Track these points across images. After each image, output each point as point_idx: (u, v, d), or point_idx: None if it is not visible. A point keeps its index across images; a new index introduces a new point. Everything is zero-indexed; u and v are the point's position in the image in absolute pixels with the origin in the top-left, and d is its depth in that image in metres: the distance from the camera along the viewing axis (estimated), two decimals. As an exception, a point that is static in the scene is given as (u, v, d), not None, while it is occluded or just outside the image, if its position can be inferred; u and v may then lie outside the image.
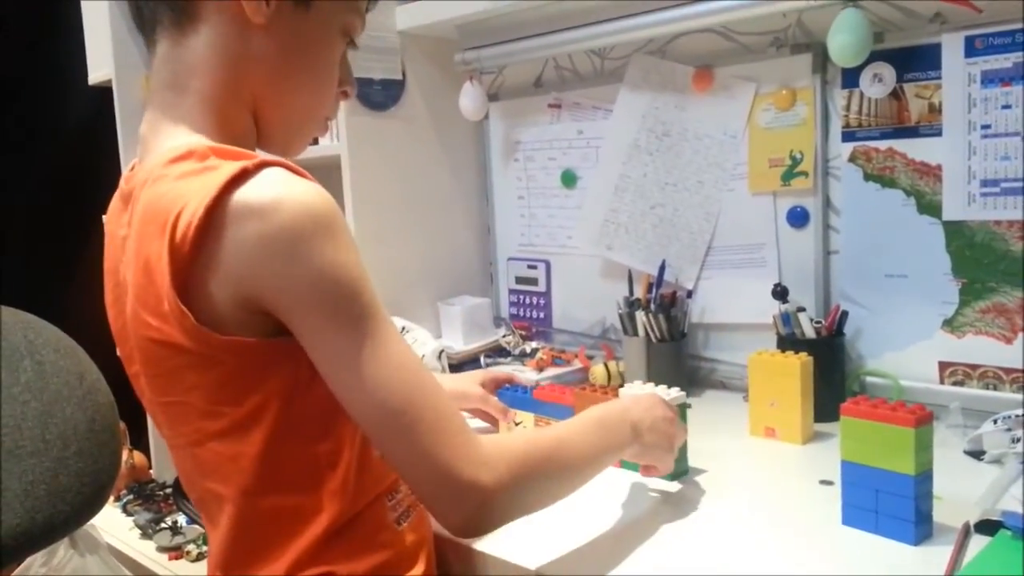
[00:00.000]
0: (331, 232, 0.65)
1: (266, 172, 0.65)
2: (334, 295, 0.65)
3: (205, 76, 0.73)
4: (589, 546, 0.85)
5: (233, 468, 0.71)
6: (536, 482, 0.72)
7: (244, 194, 0.64)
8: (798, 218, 1.29)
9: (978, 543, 0.75)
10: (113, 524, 1.58)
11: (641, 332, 1.33)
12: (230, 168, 0.64)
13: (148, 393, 0.76)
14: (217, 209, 0.63)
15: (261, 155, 0.69)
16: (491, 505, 0.67)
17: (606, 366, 1.38)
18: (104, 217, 0.84)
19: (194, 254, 0.64)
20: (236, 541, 0.74)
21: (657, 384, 1.01)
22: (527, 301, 1.70)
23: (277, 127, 0.79)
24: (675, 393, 0.98)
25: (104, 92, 1.83)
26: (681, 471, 1.00)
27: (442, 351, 1.50)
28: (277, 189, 0.64)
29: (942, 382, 1.17)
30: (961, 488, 0.87)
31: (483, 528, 0.69)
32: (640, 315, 1.33)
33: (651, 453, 0.89)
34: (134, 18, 0.77)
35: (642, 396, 0.93)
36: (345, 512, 0.73)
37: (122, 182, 0.79)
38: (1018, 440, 0.97)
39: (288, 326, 0.67)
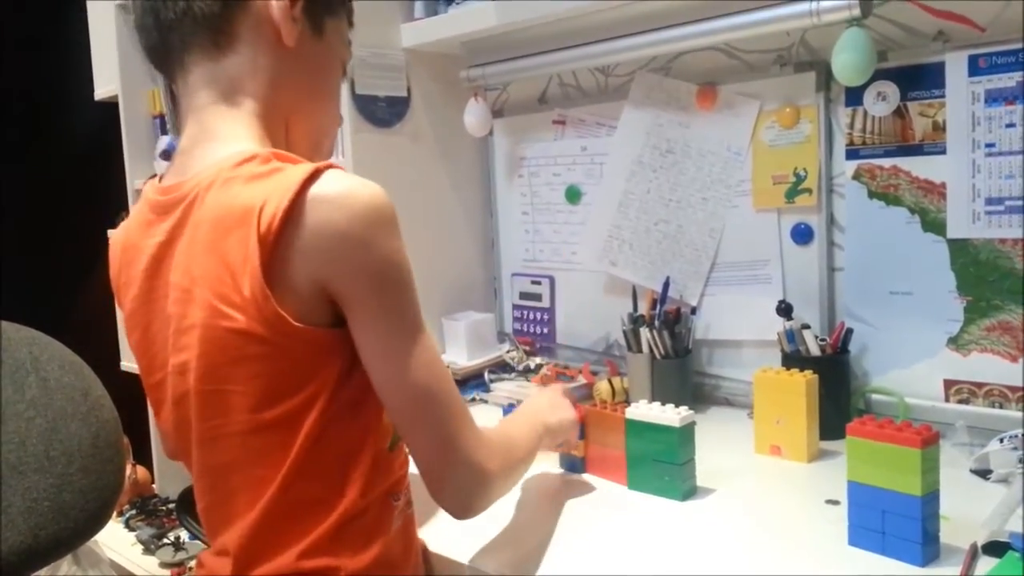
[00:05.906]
0: (394, 225, 0.74)
1: (334, 172, 0.73)
2: (395, 282, 0.73)
3: (250, 93, 0.80)
4: (593, 560, 0.85)
5: (281, 455, 0.74)
6: (511, 470, 0.85)
7: (321, 189, 0.71)
8: (802, 235, 1.29)
9: (986, 564, 0.75)
10: (116, 539, 1.58)
11: (645, 348, 1.33)
12: (304, 168, 0.71)
13: (195, 383, 0.75)
14: (299, 202, 0.70)
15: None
16: (490, 487, 0.79)
17: (610, 382, 1.38)
18: (112, 232, 0.84)
19: (278, 243, 0.70)
20: (263, 528, 0.75)
21: (663, 402, 1.01)
22: (531, 317, 1.69)
23: (306, 140, 0.87)
24: (684, 412, 0.98)
25: (110, 108, 1.84)
26: (688, 489, 0.99)
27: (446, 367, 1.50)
28: (349, 185, 0.72)
29: (947, 400, 1.16)
30: (968, 508, 0.86)
31: (482, 507, 0.79)
32: (644, 331, 1.33)
33: (557, 440, 1.03)
34: (155, 47, 0.82)
35: (544, 394, 1.08)
36: (356, 503, 0.76)
37: (153, 194, 0.81)
38: (1025, 459, 0.97)
39: (347, 311, 0.73)
